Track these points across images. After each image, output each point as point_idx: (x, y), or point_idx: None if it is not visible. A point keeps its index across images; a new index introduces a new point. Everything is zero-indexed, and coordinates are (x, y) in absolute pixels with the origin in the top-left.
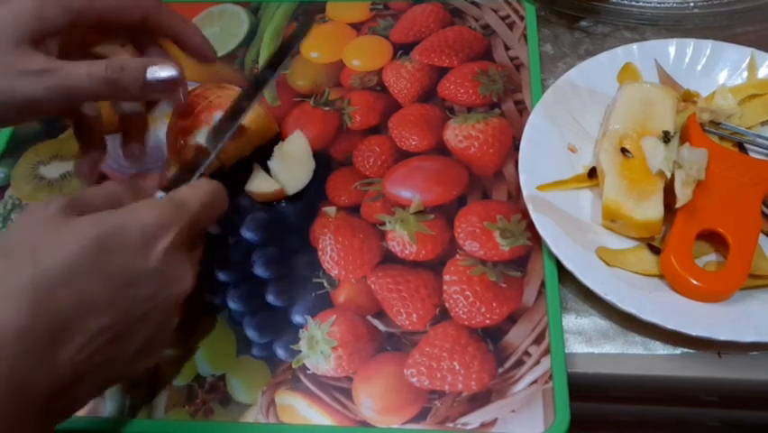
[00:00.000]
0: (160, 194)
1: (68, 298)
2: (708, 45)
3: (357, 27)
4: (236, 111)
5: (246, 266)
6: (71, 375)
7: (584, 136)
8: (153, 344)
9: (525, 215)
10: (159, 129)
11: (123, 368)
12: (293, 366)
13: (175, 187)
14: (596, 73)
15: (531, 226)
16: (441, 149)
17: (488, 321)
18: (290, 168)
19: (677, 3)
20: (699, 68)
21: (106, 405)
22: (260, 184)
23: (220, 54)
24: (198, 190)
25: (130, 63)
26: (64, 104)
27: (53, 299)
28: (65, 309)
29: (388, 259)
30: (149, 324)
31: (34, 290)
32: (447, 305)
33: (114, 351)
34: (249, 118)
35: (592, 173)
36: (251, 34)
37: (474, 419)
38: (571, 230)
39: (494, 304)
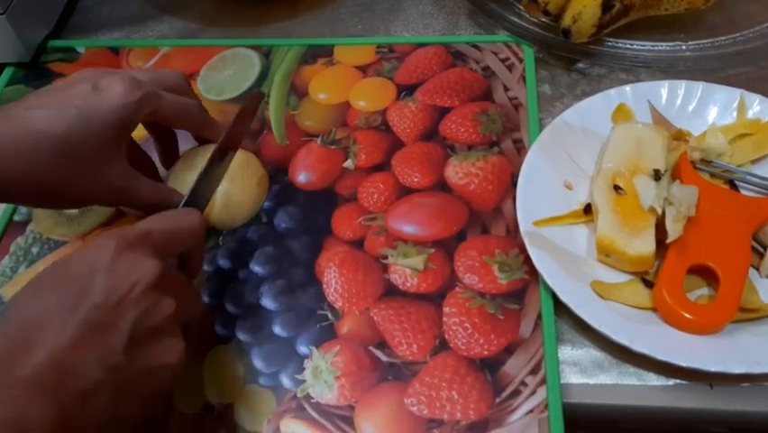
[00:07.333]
0: None
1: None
2: (699, 87)
3: (363, 69)
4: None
5: (254, 298)
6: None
7: (579, 174)
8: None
9: (523, 249)
10: None
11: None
12: (298, 395)
13: None
14: (591, 113)
15: (528, 261)
16: (442, 186)
17: (486, 352)
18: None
19: (670, 46)
20: (691, 108)
21: None
22: None
23: (232, 96)
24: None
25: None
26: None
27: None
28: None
29: (391, 291)
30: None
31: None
32: (447, 336)
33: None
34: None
35: (588, 209)
36: (263, 77)
37: None
38: (567, 264)
39: (492, 335)
